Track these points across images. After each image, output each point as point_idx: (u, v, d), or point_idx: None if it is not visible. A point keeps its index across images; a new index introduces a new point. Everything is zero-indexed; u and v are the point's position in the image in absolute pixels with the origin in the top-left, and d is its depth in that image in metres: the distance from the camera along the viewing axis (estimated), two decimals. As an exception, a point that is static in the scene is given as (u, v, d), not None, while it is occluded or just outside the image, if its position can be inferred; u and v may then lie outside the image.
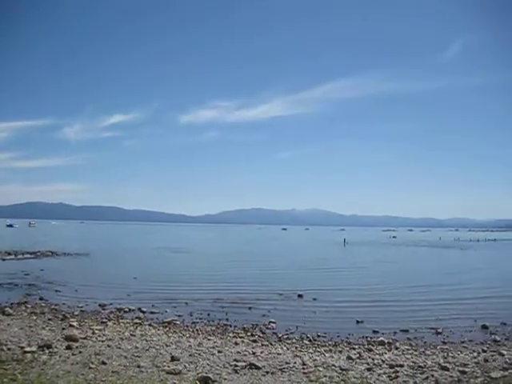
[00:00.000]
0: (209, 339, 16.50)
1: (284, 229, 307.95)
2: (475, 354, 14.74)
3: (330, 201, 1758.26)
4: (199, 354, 13.60)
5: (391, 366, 12.90)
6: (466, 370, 12.44)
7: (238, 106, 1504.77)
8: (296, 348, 15.61)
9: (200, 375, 11.05)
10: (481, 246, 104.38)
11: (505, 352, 14.80)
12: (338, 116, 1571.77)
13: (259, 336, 17.63)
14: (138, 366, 11.72)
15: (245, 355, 13.92)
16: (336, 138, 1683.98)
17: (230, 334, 17.71)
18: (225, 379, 11.07)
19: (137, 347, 14.20)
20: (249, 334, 18.00)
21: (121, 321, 19.58)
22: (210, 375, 11.05)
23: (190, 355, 13.44)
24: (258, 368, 12.20)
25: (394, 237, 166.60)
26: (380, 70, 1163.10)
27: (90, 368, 11.32)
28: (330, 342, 16.82)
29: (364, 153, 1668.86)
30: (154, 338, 15.93)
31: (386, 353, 15.13)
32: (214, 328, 18.96)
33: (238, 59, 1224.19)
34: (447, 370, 12.51)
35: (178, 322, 19.77)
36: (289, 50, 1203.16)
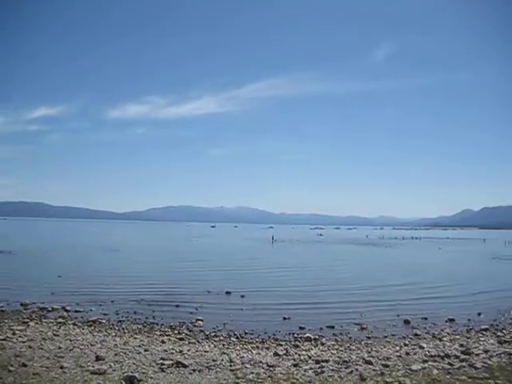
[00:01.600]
0: (135, 338, 16.31)
1: (213, 226, 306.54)
2: (397, 348, 15.40)
3: (259, 199, 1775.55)
4: (125, 353, 13.43)
5: (317, 362, 13.23)
6: (389, 363, 12.95)
7: (170, 102, 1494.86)
8: (223, 345, 15.71)
9: (125, 374, 10.92)
10: (405, 244, 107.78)
11: (425, 345, 15.55)
12: (269, 114, 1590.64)
13: (186, 334, 17.60)
14: (61, 367, 11.43)
15: (172, 353, 13.87)
16: (265, 136, 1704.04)
17: (157, 333, 17.57)
18: (151, 378, 10.99)
19: (60, 347, 13.83)
20: (176, 331, 17.93)
21: (44, 320, 18.97)
22: (136, 374, 10.94)
23: (116, 354, 13.25)
24: (184, 366, 12.20)
25: (320, 234, 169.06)
26: (309, 71, 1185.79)
27: (10, 371, 10.91)
28: (258, 339, 17.02)
29: (293, 151, 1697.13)
30: (79, 338, 15.56)
31: (312, 348, 15.51)
32: (140, 326, 18.73)
33: (170, 55, 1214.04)
34: (371, 363, 12.97)
35: (103, 321, 19.39)
36: (222, 47, 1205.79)
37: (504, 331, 18.29)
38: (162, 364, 12.28)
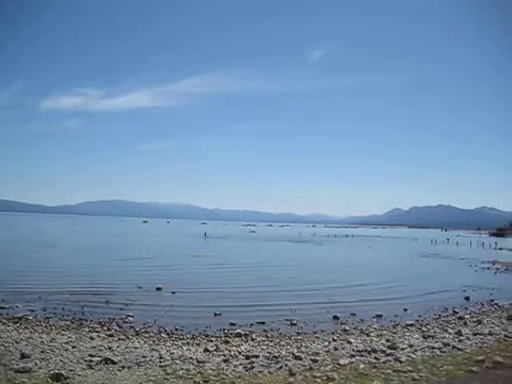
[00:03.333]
0: (63, 334, 15.99)
1: (145, 221, 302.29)
2: (326, 344, 15.83)
3: (194, 195, 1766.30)
4: (52, 350, 13.15)
5: (247, 357, 13.44)
6: (318, 358, 13.32)
7: (104, 94, 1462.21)
8: (153, 341, 15.69)
9: (52, 372, 10.72)
10: (337, 242, 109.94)
11: (353, 340, 16.08)
12: (204, 110, 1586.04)
13: (116, 330, 17.46)
14: (-17, 366, 11.08)
15: (100, 350, 13.72)
16: (201, 132, 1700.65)
17: (86, 329, 17.29)
18: (78, 375, 10.84)
19: (-18, 345, 13.38)
20: (105, 328, 17.74)
21: (-36, 317, 18.29)
22: (63, 372, 10.76)
23: (42, 352, 12.95)
24: (113, 363, 12.10)
25: (253, 231, 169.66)
26: (246, 67, 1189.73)
27: None
28: (188, 335, 17.09)
29: (228, 148, 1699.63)
30: (3, 335, 15.06)
31: (242, 344, 15.70)
32: (68, 323, 18.37)
33: (105, 46, 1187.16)
34: (300, 359, 13.30)
35: (30, 317, 18.83)
36: (158, 41, 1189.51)
37: (428, 326, 19.24)
38: (91, 361, 12.12)
